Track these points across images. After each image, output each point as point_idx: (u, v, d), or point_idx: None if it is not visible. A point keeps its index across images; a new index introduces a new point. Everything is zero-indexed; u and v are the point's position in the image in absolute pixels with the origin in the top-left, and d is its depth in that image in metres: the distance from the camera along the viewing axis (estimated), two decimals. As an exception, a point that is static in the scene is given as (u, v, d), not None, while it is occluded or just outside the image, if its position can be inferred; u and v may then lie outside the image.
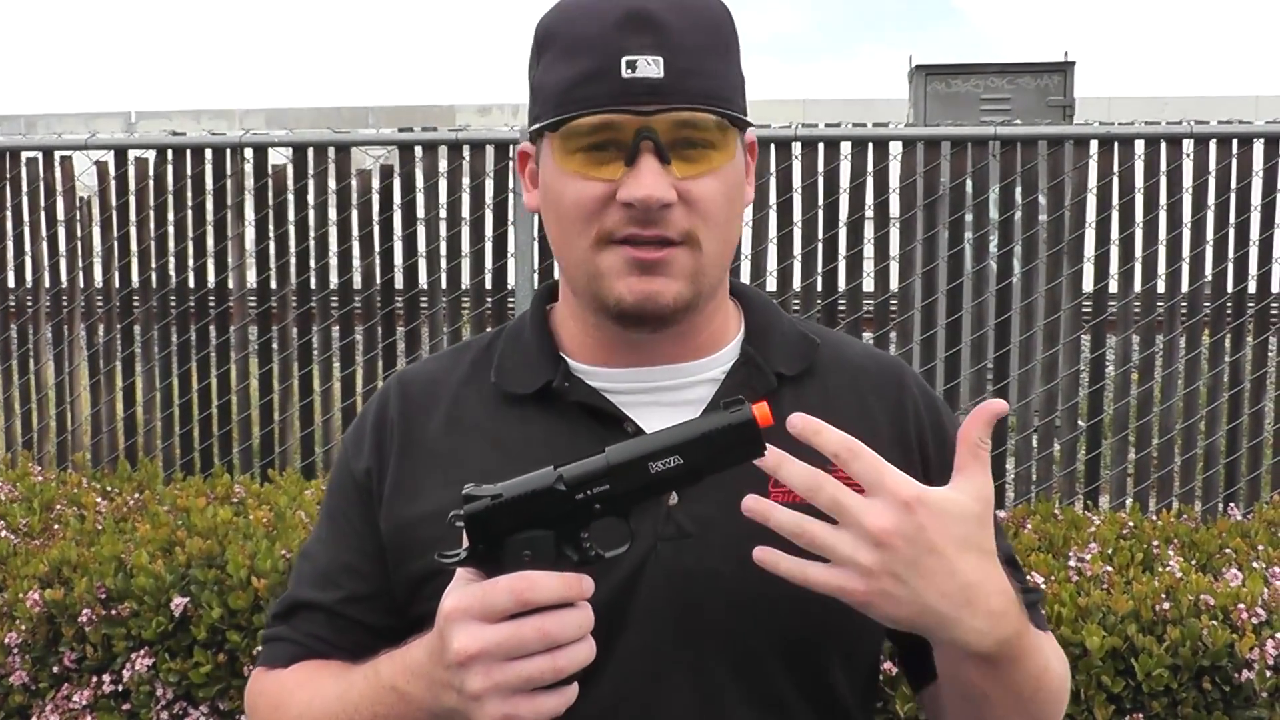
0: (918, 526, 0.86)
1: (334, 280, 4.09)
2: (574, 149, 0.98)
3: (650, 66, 0.96)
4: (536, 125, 1.02)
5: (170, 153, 4.14)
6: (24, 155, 4.32)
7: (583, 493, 0.87)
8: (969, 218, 3.85)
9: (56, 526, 3.17)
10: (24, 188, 4.31)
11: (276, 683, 1.09)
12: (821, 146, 3.79)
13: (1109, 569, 2.58)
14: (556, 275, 1.13)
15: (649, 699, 1.00)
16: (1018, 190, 3.80)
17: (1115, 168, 3.75)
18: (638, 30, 0.96)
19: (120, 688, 2.61)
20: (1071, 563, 2.63)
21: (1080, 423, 3.91)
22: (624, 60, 0.96)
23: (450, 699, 0.87)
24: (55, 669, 2.66)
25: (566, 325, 1.11)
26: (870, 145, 3.81)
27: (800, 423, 0.88)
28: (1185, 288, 3.78)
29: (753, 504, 0.88)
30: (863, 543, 0.86)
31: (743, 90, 1.04)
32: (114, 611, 2.59)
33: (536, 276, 3.86)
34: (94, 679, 2.62)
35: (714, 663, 1.00)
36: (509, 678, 0.83)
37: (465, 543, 0.88)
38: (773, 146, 3.82)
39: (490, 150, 3.94)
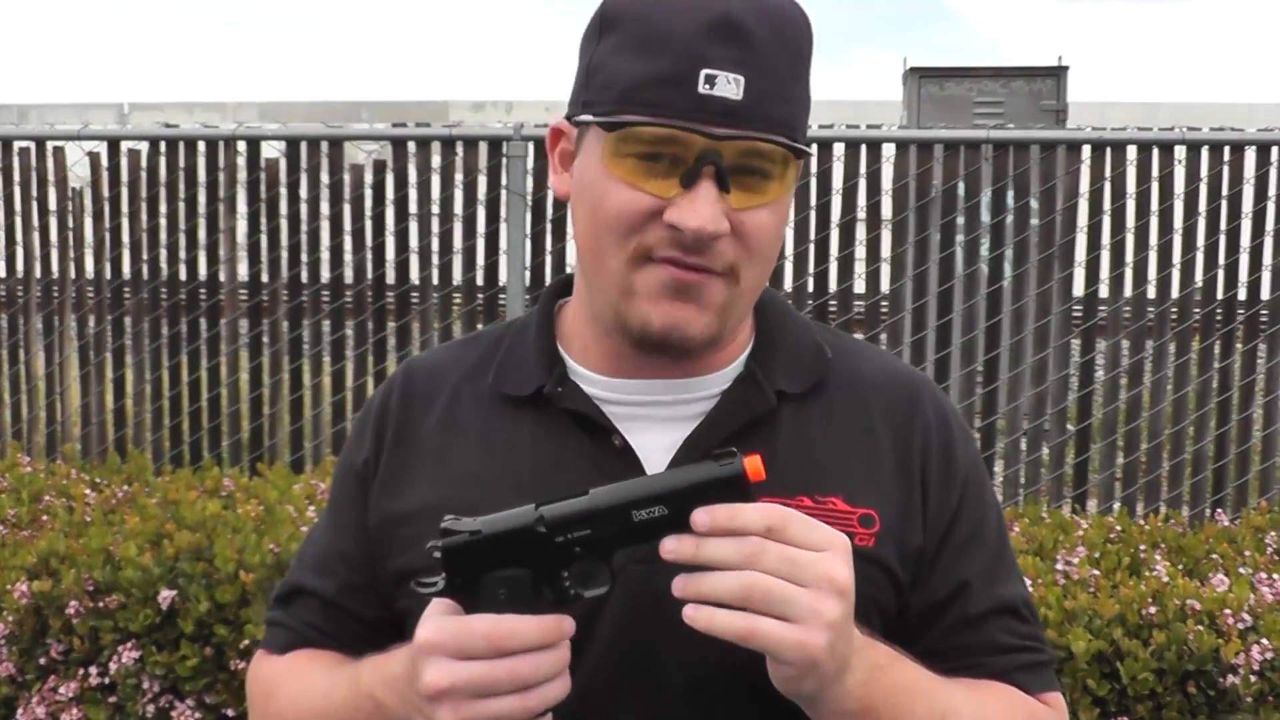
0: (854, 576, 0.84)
1: (325, 275, 4.08)
2: (626, 153, 0.92)
3: (730, 85, 0.89)
4: (588, 118, 0.94)
5: (163, 145, 4.12)
6: (16, 145, 4.30)
7: (563, 535, 0.85)
8: (961, 221, 3.86)
9: (45, 518, 3.16)
10: (16, 177, 4.29)
11: (270, 669, 1.11)
12: (815, 148, 3.80)
13: (1096, 573, 2.59)
14: (571, 268, 1.08)
15: None
16: (1010, 194, 3.81)
17: (1107, 173, 3.77)
18: (723, 41, 0.89)
19: (107, 680, 2.60)
20: (1059, 566, 2.64)
21: (1069, 426, 3.92)
22: (703, 73, 0.89)
23: None
24: (42, 661, 2.65)
25: (577, 324, 1.06)
26: (863, 147, 3.81)
27: (705, 517, 0.83)
28: (1175, 293, 3.79)
29: (692, 613, 0.83)
30: (826, 595, 0.82)
31: (809, 112, 0.97)
32: (101, 604, 2.58)
33: (528, 274, 3.86)
34: (81, 671, 2.62)
35: (671, 692, 0.97)
36: (477, 714, 0.83)
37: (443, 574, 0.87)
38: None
39: (483, 147, 3.94)
